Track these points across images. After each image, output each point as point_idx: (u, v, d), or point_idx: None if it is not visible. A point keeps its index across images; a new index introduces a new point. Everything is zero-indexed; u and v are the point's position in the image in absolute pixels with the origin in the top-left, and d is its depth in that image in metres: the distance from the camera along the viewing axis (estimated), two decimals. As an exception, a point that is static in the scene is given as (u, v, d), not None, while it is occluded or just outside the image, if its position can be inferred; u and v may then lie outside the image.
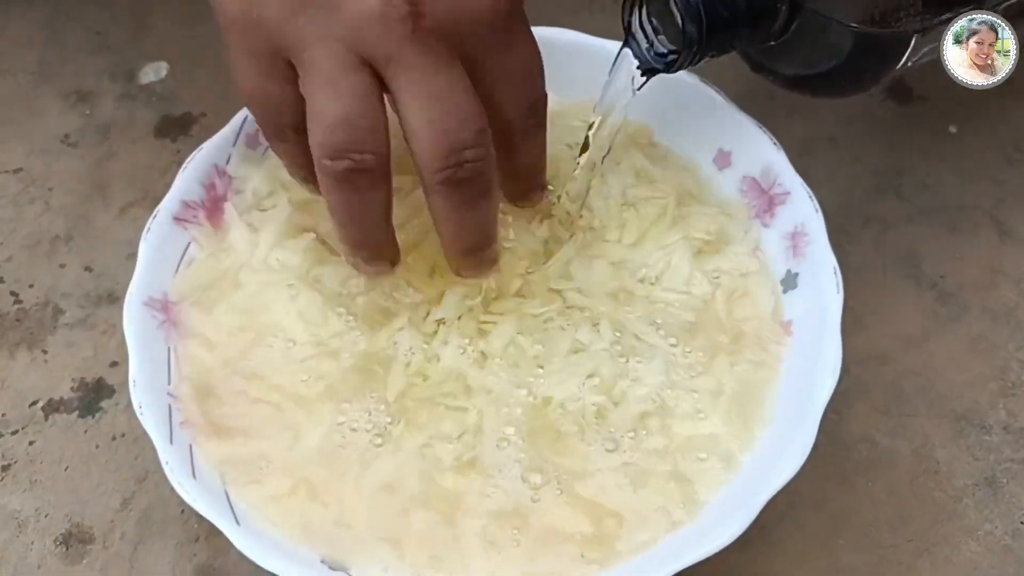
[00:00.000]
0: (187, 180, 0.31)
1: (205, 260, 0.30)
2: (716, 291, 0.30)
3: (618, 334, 0.29)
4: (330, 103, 0.24)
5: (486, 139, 0.25)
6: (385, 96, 0.25)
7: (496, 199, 0.27)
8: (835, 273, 0.29)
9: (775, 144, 0.32)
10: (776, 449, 0.27)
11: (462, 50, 0.25)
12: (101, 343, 0.35)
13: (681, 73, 0.33)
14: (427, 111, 0.24)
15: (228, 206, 0.32)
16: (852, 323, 0.32)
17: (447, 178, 0.25)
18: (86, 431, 0.33)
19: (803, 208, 0.30)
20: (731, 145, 0.33)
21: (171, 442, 0.26)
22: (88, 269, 0.37)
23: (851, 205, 0.38)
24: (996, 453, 0.33)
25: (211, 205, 0.31)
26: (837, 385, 0.28)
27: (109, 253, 0.37)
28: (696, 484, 0.27)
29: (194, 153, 0.31)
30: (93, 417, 0.33)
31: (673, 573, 0.24)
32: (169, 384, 0.28)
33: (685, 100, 0.33)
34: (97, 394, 0.34)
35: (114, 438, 0.33)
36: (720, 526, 0.25)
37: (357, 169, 0.24)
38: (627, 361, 0.29)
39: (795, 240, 0.30)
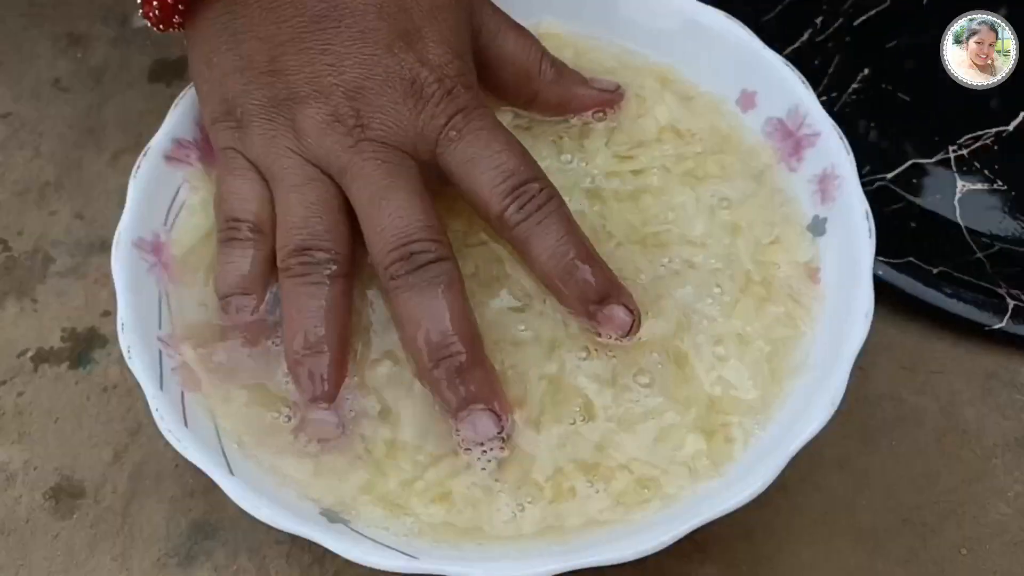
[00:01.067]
0: (179, 118, 0.29)
1: (199, 208, 0.28)
2: (738, 239, 0.28)
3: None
4: (294, 208, 0.26)
5: (434, 233, 0.25)
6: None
7: (462, 300, 0.25)
8: (867, 217, 0.27)
9: (803, 83, 0.29)
10: (804, 400, 0.25)
11: (416, 152, 0.26)
12: (92, 292, 0.33)
13: (704, 8, 0.31)
14: (373, 216, 0.25)
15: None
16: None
17: (395, 272, 0.25)
18: (77, 382, 0.31)
19: (833, 149, 0.28)
20: (756, 85, 0.30)
21: (161, 388, 0.24)
22: (79, 216, 0.35)
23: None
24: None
25: (205, 145, 0.29)
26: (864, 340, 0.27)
27: (101, 200, 0.35)
28: (721, 438, 0.25)
29: (186, 89, 0.29)
30: (84, 368, 0.32)
31: (693, 528, 0.23)
32: (160, 329, 0.26)
33: (707, 38, 0.31)
34: (88, 344, 0.32)
35: (105, 389, 0.31)
36: (744, 480, 0.23)
37: (312, 263, 0.25)
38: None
39: (823, 184, 0.28)
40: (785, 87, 0.30)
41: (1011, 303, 0.31)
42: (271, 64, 0.26)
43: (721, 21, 0.31)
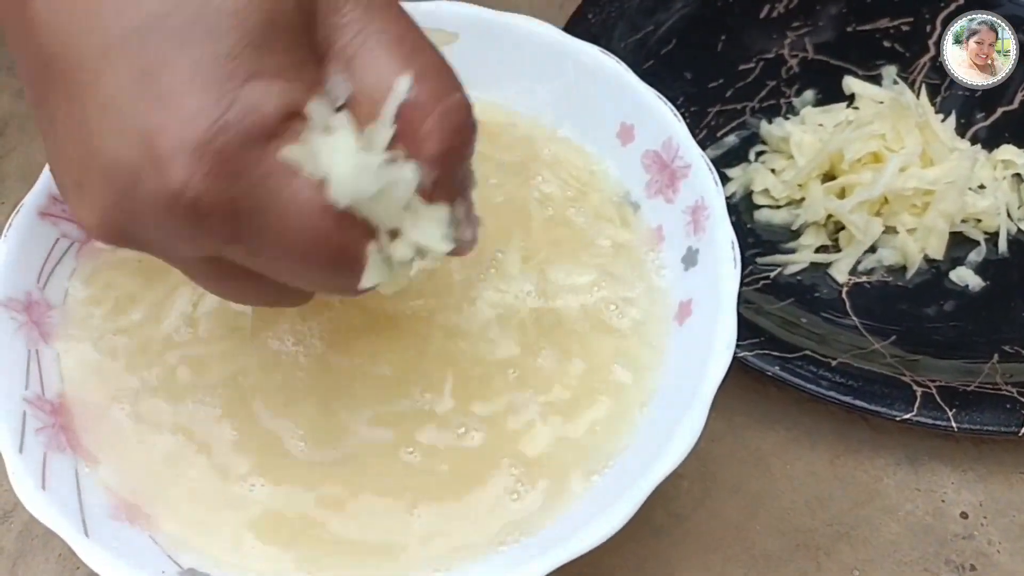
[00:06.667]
0: (56, 173, 0.29)
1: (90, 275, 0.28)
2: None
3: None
4: None
5: None
6: None
7: None
8: (733, 247, 0.27)
9: (676, 115, 0.29)
10: (664, 435, 0.24)
11: None
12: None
13: (579, 43, 0.31)
14: None
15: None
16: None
17: None
18: (-32, 440, 0.31)
19: (703, 181, 0.28)
20: (634, 118, 0.30)
21: (21, 451, 0.24)
22: (-23, 271, 0.35)
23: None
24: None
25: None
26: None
27: (0, 254, 0.35)
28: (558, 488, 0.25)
29: (64, 144, 0.29)
30: (-24, 426, 0.31)
31: (547, 571, 0.22)
32: (26, 390, 0.25)
33: (587, 73, 0.31)
34: (-19, 401, 0.32)
35: (-4, 447, 0.31)
36: (597, 520, 0.23)
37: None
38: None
39: (695, 215, 0.28)
40: (659, 120, 0.30)
41: (919, 391, 0.30)
42: None
43: (599, 57, 0.31)
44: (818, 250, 0.35)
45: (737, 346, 0.30)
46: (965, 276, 0.35)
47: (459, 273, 0.29)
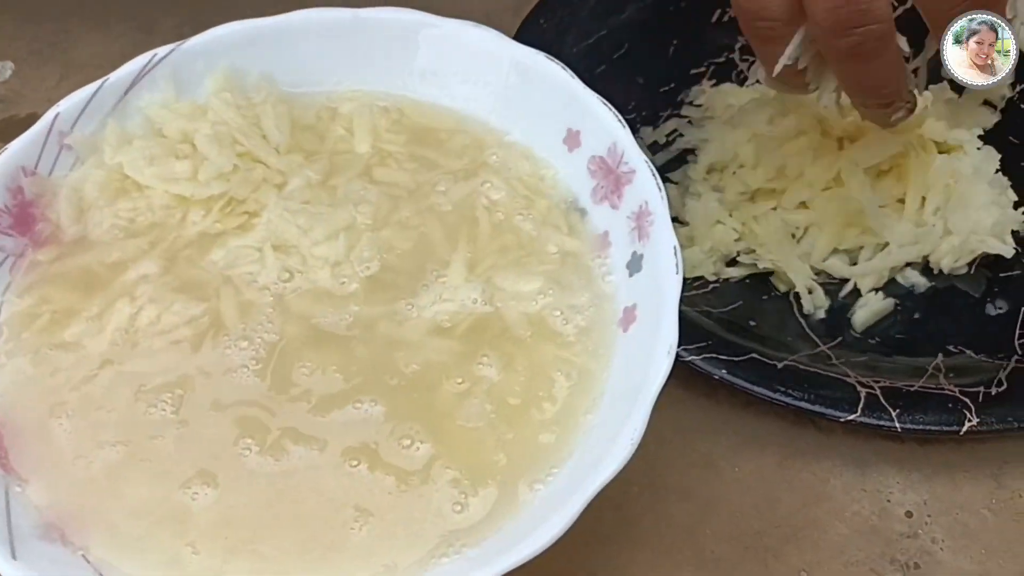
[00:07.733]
0: (-12, 184, 0.28)
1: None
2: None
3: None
4: None
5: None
6: None
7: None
8: (675, 253, 0.27)
9: (620, 121, 0.29)
10: (607, 440, 0.24)
11: None
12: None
13: (524, 49, 0.31)
14: None
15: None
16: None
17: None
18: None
19: (647, 186, 0.28)
20: (580, 124, 0.30)
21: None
22: (-86, 284, 0.34)
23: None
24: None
25: (18, 212, 0.28)
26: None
27: (-62, 266, 0.34)
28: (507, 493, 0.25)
29: (-1, 154, 0.29)
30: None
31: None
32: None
33: (533, 79, 0.31)
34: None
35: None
36: (538, 529, 0.23)
37: (863, 42, 0.27)
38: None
39: (640, 221, 0.28)
40: (604, 125, 0.30)
41: (863, 392, 0.30)
42: None
43: (543, 63, 0.31)
44: (767, 253, 0.35)
45: (684, 350, 0.30)
46: (911, 277, 0.35)
47: (403, 281, 0.29)
